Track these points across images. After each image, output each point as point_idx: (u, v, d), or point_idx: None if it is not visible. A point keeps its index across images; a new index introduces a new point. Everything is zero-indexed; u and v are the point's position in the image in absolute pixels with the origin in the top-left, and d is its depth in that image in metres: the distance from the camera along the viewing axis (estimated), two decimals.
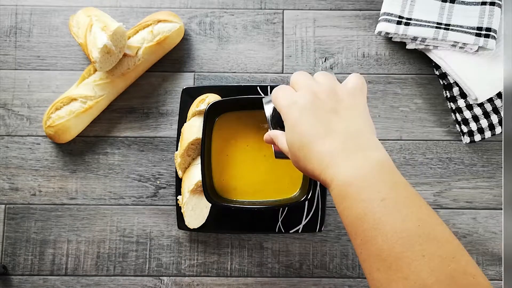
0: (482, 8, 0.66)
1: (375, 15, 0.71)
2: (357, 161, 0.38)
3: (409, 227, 0.35)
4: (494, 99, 0.67)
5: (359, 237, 0.37)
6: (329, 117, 0.41)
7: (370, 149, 0.39)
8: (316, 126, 0.40)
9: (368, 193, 0.37)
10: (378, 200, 0.36)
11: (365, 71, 0.70)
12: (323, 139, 0.40)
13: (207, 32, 0.71)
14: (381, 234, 0.35)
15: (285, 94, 0.43)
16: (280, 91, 0.44)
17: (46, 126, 0.65)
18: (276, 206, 0.61)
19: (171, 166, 0.68)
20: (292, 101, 0.42)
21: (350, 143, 0.39)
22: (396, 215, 0.35)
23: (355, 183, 0.37)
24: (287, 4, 0.71)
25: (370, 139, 0.40)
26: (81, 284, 0.66)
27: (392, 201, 0.36)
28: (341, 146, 0.39)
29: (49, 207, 0.68)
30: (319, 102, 0.41)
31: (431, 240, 0.34)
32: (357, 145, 0.39)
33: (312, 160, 0.40)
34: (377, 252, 0.35)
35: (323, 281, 0.66)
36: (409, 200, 0.37)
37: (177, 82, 0.70)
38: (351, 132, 0.40)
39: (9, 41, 0.70)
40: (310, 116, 0.41)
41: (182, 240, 0.67)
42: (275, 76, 0.70)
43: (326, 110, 0.41)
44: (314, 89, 0.42)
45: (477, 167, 0.68)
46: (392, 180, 0.37)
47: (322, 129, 0.40)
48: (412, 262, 0.33)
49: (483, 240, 0.67)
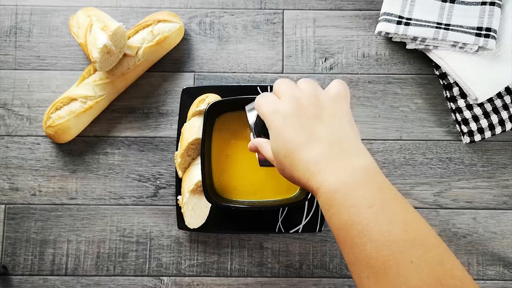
0: (482, 8, 0.66)
1: (375, 15, 0.71)
2: (342, 167, 0.38)
3: (396, 233, 0.35)
4: (494, 99, 0.67)
5: (347, 244, 0.37)
6: (312, 124, 0.41)
7: (355, 155, 0.39)
8: (300, 133, 0.40)
9: (354, 200, 0.37)
10: (365, 207, 0.36)
11: (365, 71, 0.70)
12: (308, 146, 0.40)
13: (207, 32, 0.71)
14: (369, 241, 0.35)
15: (268, 102, 0.43)
16: (263, 99, 0.44)
17: (46, 126, 0.65)
18: (276, 206, 0.61)
19: (171, 166, 0.68)
20: (275, 108, 0.42)
21: (334, 149, 0.39)
22: (383, 221, 0.35)
23: (341, 190, 0.37)
24: (287, 4, 0.71)
25: (355, 145, 0.40)
26: (81, 284, 0.66)
27: (379, 207, 0.36)
28: (326, 152, 0.39)
29: (49, 207, 0.68)
30: (302, 109, 0.41)
31: (418, 246, 0.34)
32: (341, 151, 0.39)
33: (298, 167, 0.40)
34: (366, 258, 0.35)
35: (323, 281, 0.66)
36: (396, 206, 0.37)
37: (177, 82, 0.70)
38: (335, 138, 0.40)
39: (9, 41, 0.70)
40: (293, 124, 0.41)
41: (182, 240, 0.67)
42: (275, 76, 0.70)
43: (310, 117, 0.41)
44: (297, 96, 0.42)
45: (477, 167, 0.68)
46: (377, 187, 0.38)
47: (306, 136, 0.40)
48: (400, 268, 0.34)
49: (483, 240, 0.67)
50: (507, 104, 0.67)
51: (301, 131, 0.40)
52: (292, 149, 0.40)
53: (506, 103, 0.67)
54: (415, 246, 0.34)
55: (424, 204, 0.67)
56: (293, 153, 0.40)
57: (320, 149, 0.39)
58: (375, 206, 0.36)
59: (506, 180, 0.68)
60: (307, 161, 0.39)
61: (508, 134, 0.68)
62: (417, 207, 0.67)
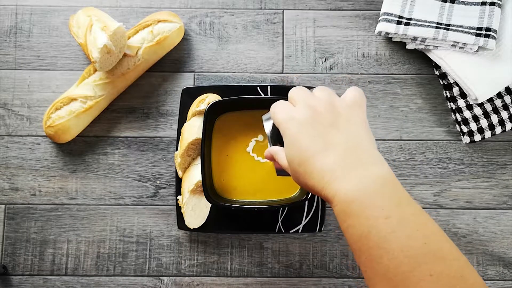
0: (482, 8, 0.66)
1: (375, 15, 0.71)
2: (359, 176, 0.37)
3: (416, 246, 0.34)
4: (494, 99, 0.67)
5: (363, 255, 0.36)
6: (328, 131, 0.40)
7: (371, 164, 0.38)
8: (315, 141, 0.39)
9: (372, 210, 0.36)
10: (382, 218, 0.35)
11: (365, 71, 0.70)
12: (323, 154, 0.39)
13: (207, 32, 0.71)
14: (387, 253, 0.34)
15: (283, 109, 0.42)
16: (278, 107, 0.43)
17: (46, 126, 0.65)
18: (276, 206, 0.61)
19: (171, 166, 0.68)
20: (290, 116, 0.41)
21: (350, 157, 0.39)
22: (402, 233, 0.35)
23: (358, 200, 0.36)
24: (287, 4, 0.71)
25: (371, 153, 0.40)
26: (81, 284, 0.66)
27: (396, 218, 0.35)
28: (342, 160, 0.38)
29: (49, 207, 0.68)
30: (318, 116, 0.41)
31: (438, 259, 0.34)
32: (358, 159, 0.39)
33: (313, 175, 0.39)
34: (382, 271, 0.34)
35: (323, 281, 0.66)
36: (414, 217, 0.36)
37: (177, 82, 0.70)
38: (351, 146, 0.39)
39: (9, 41, 0.70)
40: (309, 131, 0.40)
41: (182, 240, 0.67)
42: (275, 76, 0.70)
43: (325, 124, 0.40)
44: (312, 104, 0.41)
45: (477, 167, 0.68)
46: (395, 196, 0.37)
47: (321, 144, 0.39)
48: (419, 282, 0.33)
49: (483, 240, 0.67)
50: (507, 104, 0.67)
51: (316, 139, 0.39)
52: (307, 157, 0.39)
53: (506, 103, 0.67)
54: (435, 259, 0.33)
55: (424, 204, 0.67)
56: (307, 161, 0.39)
57: (336, 156, 0.38)
58: (393, 217, 0.35)
59: (506, 180, 0.68)
60: (322, 169, 0.38)
61: (508, 134, 0.68)
62: None
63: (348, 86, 0.69)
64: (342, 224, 0.38)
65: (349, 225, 0.37)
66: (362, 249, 0.36)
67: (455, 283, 0.33)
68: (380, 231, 0.35)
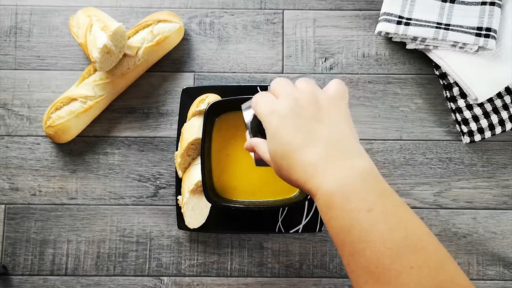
0: (482, 8, 0.66)
1: (375, 15, 0.71)
2: (342, 169, 0.37)
3: (397, 238, 0.34)
4: (494, 99, 0.67)
5: (346, 248, 0.36)
6: (311, 125, 0.40)
7: (354, 157, 0.38)
8: (297, 134, 0.39)
9: (354, 203, 0.36)
10: (364, 211, 0.35)
11: (365, 71, 0.70)
12: (306, 148, 0.39)
13: (207, 32, 0.71)
14: (369, 246, 0.34)
15: (265, 101, 0.42)
16: (260, 98, 0.42)
17: (46, 126, 0.65)
18: (276, 206, 0.61)
19: (171, 166, 0.68)
20: (272, 108, 0.41)
21: (333, 150, 0.38)
22: (383, 226, 0.35)
23: (340, 193, 0.36)
24: (287, 4, 0.71)
25: (354, 146, 0.40)
26: (81, 284, 0.66)
27: (379, 211, 0.35)
28: (325, 154, 0.38)
29: (49, 207, 0.68)
30: (300, 109, 0.40)
31: (419, 251, 0.34)
32: (340, 152, 0.38)
33: (296, 169, 0.39)
34: (365, 264, 0.35)
35: (323, 281, 0.66)
36: (396, 209, 0.36)
37: (177, 82, 0.70)
38: (334, 139, 0.39)
39: (9, 41, 0.70)
40: (291, 124, 0.39)
41: (182, 240, 0.67)
42: (275, 76, 0.70)
43: (308, 117, 0.40)
44: (295, 96, 0.41)
45: (477, 167, 0.68)
46: (378, 189, 0.37)
47: (304, 137, 0.39)
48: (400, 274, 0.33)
49: (483, 240, 0.67)
50: (507, 104, 0.67)
51: (298, 132, 0.39)
52: (289, 150, 0.39)
53: (506, 103, 0.67)
54: (416, 252, 0.34)
55: (424, 204, 0.67)
56: (290, 155, 0.39)
57: (318, 150, 0.38)
58: (375, 210, 0.35)
59: (506, 180, 0.68)
60: (304, 162, 0.38)
61: (508, 134, 0.68)
62: (417, 207, 0.67)
63: (348, 86, 0.69)
64: (324, 217, 0.38)
65: (331, 217, 0.37)
66: (344, 242, 0.36)
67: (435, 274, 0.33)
68: (362, 224, 0.35)
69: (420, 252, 0.34)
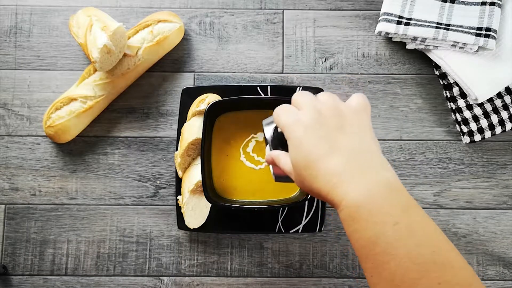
0: (482, 8, 0.66)
1: (375, 15, 0.71)
2: (366, 181, 0.37)
3: (424, 253, 0.34)
4: (494, 99, 0.67)
5: (370, 260, 0.36)
6: (334, 135, 0.39)
7: (378, 169, 0.38)
8: (321, 144, 0.39)
9: (380, 216, 0.36)
10: (390, 224, 0.35)
11: (365, 71, 0.70)
12: (329, 157, 0.38)
13: (207, 32, 0.71)
14: (394, 259, 0.34)
15: (288, 112, 0.42)
16: (282, 109, 0.43)
17: (46, 126, 0.65)
18: (276, 206, 0.61)
19: (171, 166, 0.68)
20: (295, 118, 0.41)
21: (357, 161, 0.38)
22: (410, 240, 0.35)
23: (366, 205, 0.36)
24: (287, 4, 0.71)
25: (377, 158, 0.39)
26: (81, 284, 0.66)
27: (405, 225, 0.35)
28: (348, 164, 0.38)
29: (49, 207, 0.68)
30: (324, 119, 0.40)
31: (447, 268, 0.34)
32: (364, 163, 0.38)
33: (318, 179, 0.39)
34: (390, 277, 0.34)
35: (323, 281, 0.66)
36: (422, 224, 0.36)
37: (177, 82, 0.70)
38: (358, 150, 0.39)
39: (9, 41, 0.70)
40: (315, 134, 0.39)
41: (182, 240, 0.67)
42: (275, 76, 0.70)
43: (331, 127, 0.40)
44: (318, 107, 0.41)
45: (477, 167, 0.68)
46: (403, 202, 0.37)
47: (327, 147, 0.39)
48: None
49: (483, 240, 0.67)
50: (507, 104, 0.67)
51: (322, 142, 0.39)
52: (312, 160, 0.39)
53: (506, 103, 0.67)
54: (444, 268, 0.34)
55: (424, 204, 0.67)
56: (313, 164, 0.39)
57: (342, 160, 0.38)
58: (401, 223, 0.35)
59: (506, 180, 0.68)
60: (328, 172, 0.38)
61: (508, 134, 0.68)
62: None
63: (348, 86, 0.69)
64: (348, 228, 0.37)
65: (355, 230, 0.37)
66: (368, 254, 0.36)
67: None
68: (388, 237, 0.35)
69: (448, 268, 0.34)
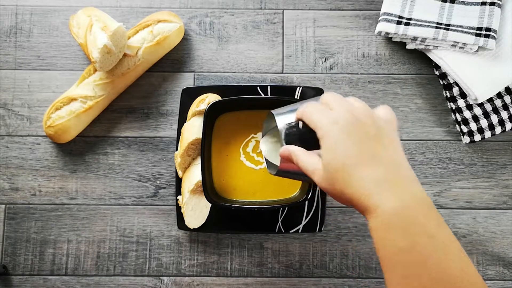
0: (482, 8, 0.66)
1: (375, 15, 0.71)
2: (403, 192, 0.38)
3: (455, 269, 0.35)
4: (494, 99, 0.67)
5: (399, 270, 0.36)
6: (373, 144, 0.40)
7: (412, 183, 0.39)
8: (361, 150, 0.39)
9: (417, 227, 0.36)
10: (426, 236, 0.36)
11: (365, 71, 0.70)
12: (369, 166, 0.39)
13: (207, 32, 0.71)
14: (426, 271, 0.35)
15: (322, 112, 0.41)
16: (314, 108, 0.42)
17: (46, 126, 0.65)
18: (276, 206, 0.61)
19: (171, 166, 0.68)
20: (333, 119, 0.40)
21: (394, 173, 0.39)
22: (444, 255, 0.36)
23: (403, 215, 0.37)
24: (287, 4, 0.71)
25: (411, 171, 0.40)
26: (81, 284, 0.66)
27: (440, 239, 0.36)
28: (386, 175, 0.38)
29: (49, 207, 0.68)
30: (361, 125, 0.40)
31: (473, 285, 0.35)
32: (401, 177, 0.39)
33: (353, 184, 0.39)
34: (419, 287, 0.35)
35: (323, 281, 0.66)
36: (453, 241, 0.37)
37: (177, 82, 0.70)
38: (394, 162, 0.39)
39: (9, 41, 0.70)
40: (353, 138, 0.39)
41: (182, 240, 0.67)
42: (275, 76, 0.70)
43: (369, 135, 0.40)
44: (353, 111, 0.41)
45: (477, 167, 0.68)
46: (436, 218, 0.38)
47: (367, 154, 0.39)
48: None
49: (483, 240, 0.67)
50: (507, 104, 0.67)
51: (362, 148, 0.39)
52: (350, 164, 0.39)
53: (506, 103, 0.67)
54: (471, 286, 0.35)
55: None
56: (350, 169, 0.39)
57: (381, 170, 0.38)
58: (436, 238, 0.36)
59: (506, 180, 0.68)
60: (366, 180, 0.38)
61: (508, 134, 0.68)
62: None
63: (348, 86, 0.69)
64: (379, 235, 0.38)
65: (387, 238, 0.37)
66: (398, 263, 0.36)
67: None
68: (423, 249, 0.36)
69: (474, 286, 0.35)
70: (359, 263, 0.67)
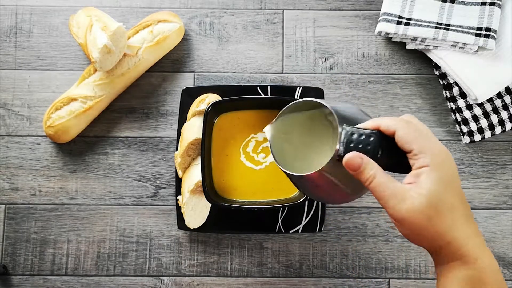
0: (482, 8, 0.66)
1: (375, 15, 0.71)
2: (490, 254, 0.38)
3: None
4: (494, 99, 0.67)
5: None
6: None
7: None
8: (463, 197, 0.38)
9: (498, 284, 0.37)
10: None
11: (365, 71, 0.70)
12: (469, 216, 0.38)
13: (207, 32, 0.71)
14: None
15: (429, 138, 0.38)
16: (412, 129, 0.38)
17: (46, 126, 0.65)
18: (276, 206, 0.61)
19: (171, 166, 0.68)
20: (444, 153, 0.38)
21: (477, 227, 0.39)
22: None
23: (495, 272, 0.38)
24: (287, 4, 0.71)
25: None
26: (81, 284, 0.66)
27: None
28: (476, 226, 0.39)
29: (49, 207, 0.68)
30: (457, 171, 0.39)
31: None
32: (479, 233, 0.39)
33: (458, 228, 0.37)
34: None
35: (323, 281, 0.66)
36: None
37: (177, 82, 0.70)
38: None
39: (9, 41, 0.70)
40: (459, 183, 0.38)
41: (182, 240, 0.67)
42: (275, 76, 0.70)
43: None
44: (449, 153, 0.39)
45: (477, 167, 0.68)
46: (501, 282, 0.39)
47: (468, 206, 0.38)
48: None
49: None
50: (507, 104, 0.67)
51: (461, 192, 0.38)
52: (457, 207, 0.37)
53: (506, 103, 0.67)
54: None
55: None
56: (457, 212, 0.37)
57: (476, 226, 0.39)
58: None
59: (506, 180, 0.68)
60: (471, 229, 0.38)
61: (508, 134, 0.68)
62: None
63: (348, 86, 0.69)
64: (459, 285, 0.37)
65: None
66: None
67: None
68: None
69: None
70: (359, 263, 0.67)
